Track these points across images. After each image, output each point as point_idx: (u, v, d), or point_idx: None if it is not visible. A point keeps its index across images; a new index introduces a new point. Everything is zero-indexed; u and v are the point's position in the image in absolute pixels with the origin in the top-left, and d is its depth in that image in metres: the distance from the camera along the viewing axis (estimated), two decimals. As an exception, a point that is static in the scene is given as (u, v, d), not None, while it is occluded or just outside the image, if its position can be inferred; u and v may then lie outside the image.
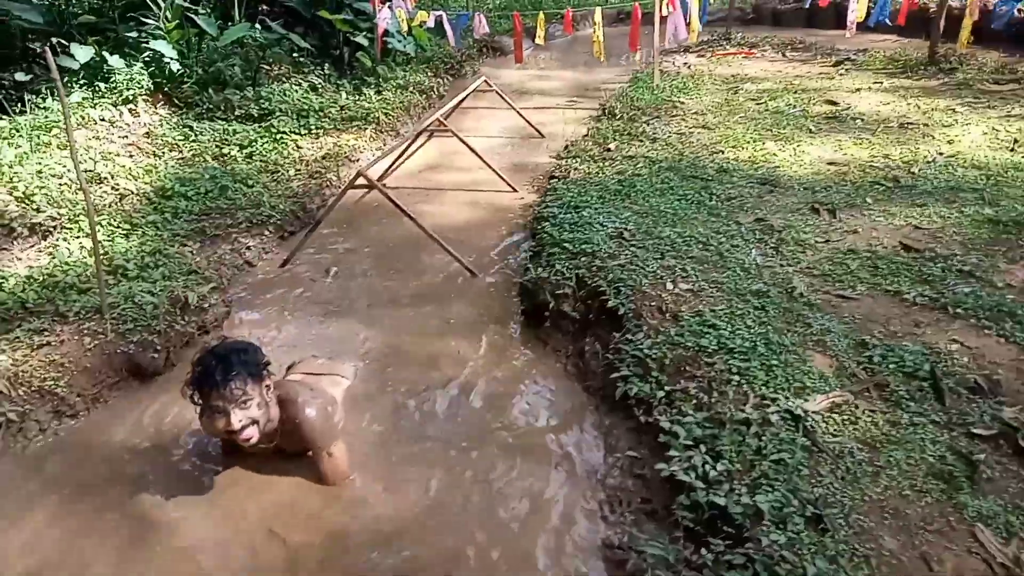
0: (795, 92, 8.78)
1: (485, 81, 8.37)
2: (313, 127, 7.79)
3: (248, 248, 5.38)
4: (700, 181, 5.83)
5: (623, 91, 9.37)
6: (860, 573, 2.39)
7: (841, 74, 9.74)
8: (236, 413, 2.86)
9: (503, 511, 3.07)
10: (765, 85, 9.28)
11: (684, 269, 4.25)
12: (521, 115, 8.55)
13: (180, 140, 7.13)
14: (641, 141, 7.09)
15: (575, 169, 6.42)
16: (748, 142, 6.87)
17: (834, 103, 8.17)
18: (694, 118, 7.83)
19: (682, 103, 8.49)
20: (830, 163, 6.29)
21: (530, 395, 3.87)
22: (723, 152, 6.62)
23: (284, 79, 8.80)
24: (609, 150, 6.92)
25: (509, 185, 6.71)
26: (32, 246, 5.02)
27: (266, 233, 5.67)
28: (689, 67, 10.77)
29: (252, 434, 2.94)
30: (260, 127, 7.54)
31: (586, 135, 7.71)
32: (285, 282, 5.11)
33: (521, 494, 3.17)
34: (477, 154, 6.78)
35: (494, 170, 6.74)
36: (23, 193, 5.41)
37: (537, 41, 10.70)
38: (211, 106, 7.81)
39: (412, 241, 5.48)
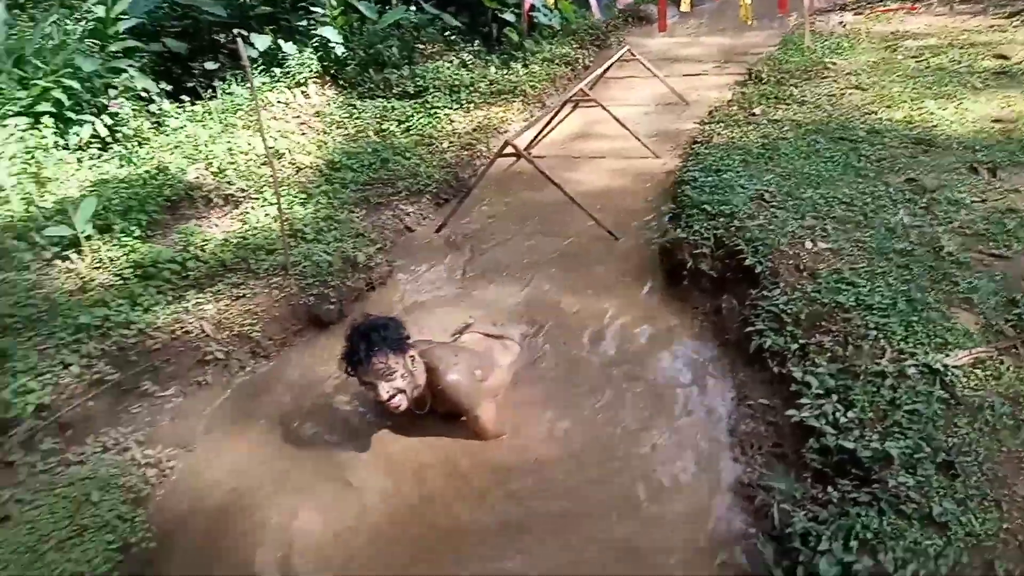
0: (961, 47, 8.27)
1: (629, 51, 8.47)
2: (464, 101, 8.22)
3: (407, 214, 5.89)
4: (848, 143, 5.73)
5: (771, 55, 9.17)
6: (989, 516, 2.46)
7: (1015, 26, 9.05)
8: (383, 386, 3.15)
9: (644, 451, 3.33)
10: (928, 41, 8.79)
11: (824, 229, 4.28)
12: (665, 83, 8.59)
13: (345, 118, 7.76)
14: (788, 104, 6.99)
15: (718, 134, 6.46)
16: (904, 101, 6.62)
17: (1005, 57, 7.66)
18: (846, 79, 7.59)
19: (834, 64, 8.22)
20: (995, 120, 5.97)
21: (669, 349, 4.08)
22: (876, 113, 6.42)
23: (437, 57, 9.27)
24: (754, 115, 6.89)
25: (651, 152, 6.84)
26: (226, 214, 5.73)
27: (423, 201, 6.15)
28: (844, 26, 10.33)
29: (400, 402, 3.21)
30: (416, 103, 8.05)
31: (731, 100, 7.66)
32: (440, 245, 5.56)
33: (659, 438, 3.41)
34: (620, 122, 6.95)
35: (637, 137, 6.89)
36: (217, 168, 6.16)
37: (682, 8, 10.58)
38: (371, 85, 8.42)
39: (557, 207, 5.76)
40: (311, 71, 8.20)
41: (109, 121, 6.93)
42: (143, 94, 7.27)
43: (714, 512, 2.97)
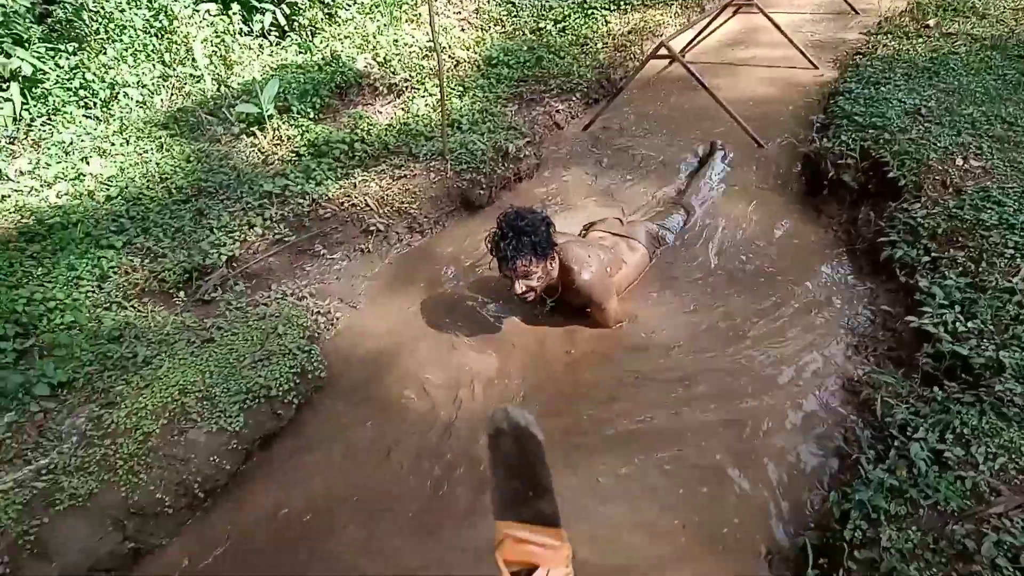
0: None
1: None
2: (622, 3, 8.21)
3: (558, 111, 6.13)
4: (1027, 61, 5.41)
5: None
6: (1094, 426, 2.54)
7: None
8: (519, 284, 3.41)
9: (762, 343, 3.56)
10: None
11: (979, 147, 4.18)
12: (836, -11, 8.20)
13: (503, 15, 7.96)
14: (967, 17, 6.57)
15: (884, 46, 6.21)
16: (1103, 18, 6.09)
17: None
18: (1041, -9, 6.99)
19: (1030, -27, 7.55)
20: None
21: (795, 253, 4.21)
22: (1066, 29, 5.96)
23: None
24: (928, 27, 6.53)
25: (810, 62, 6.67)
26: (390, 102, 6.18)
27: (573, 99, 6.36)
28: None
29: (530, 296, 3.49)
30: (574, 2, 8.12)
31: (904, 10, 7.25)
32: (587, 142, 5.79)
33: (780, 333, 3.61)
34: (781, 30, 6.78)
35: (796, 46, 6.72)
36: (384, 58, 6.59)
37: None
38: (531, -17, 8.54)
39: (705, 112, 5.83)
40: (474, -33, 8.41)
41: (287, 11, 7.50)
42: (320, -15, 7.75)
43: (818, 398, 3.20)
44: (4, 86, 5.86)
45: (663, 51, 5.53)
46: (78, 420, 2.98)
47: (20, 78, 5.90)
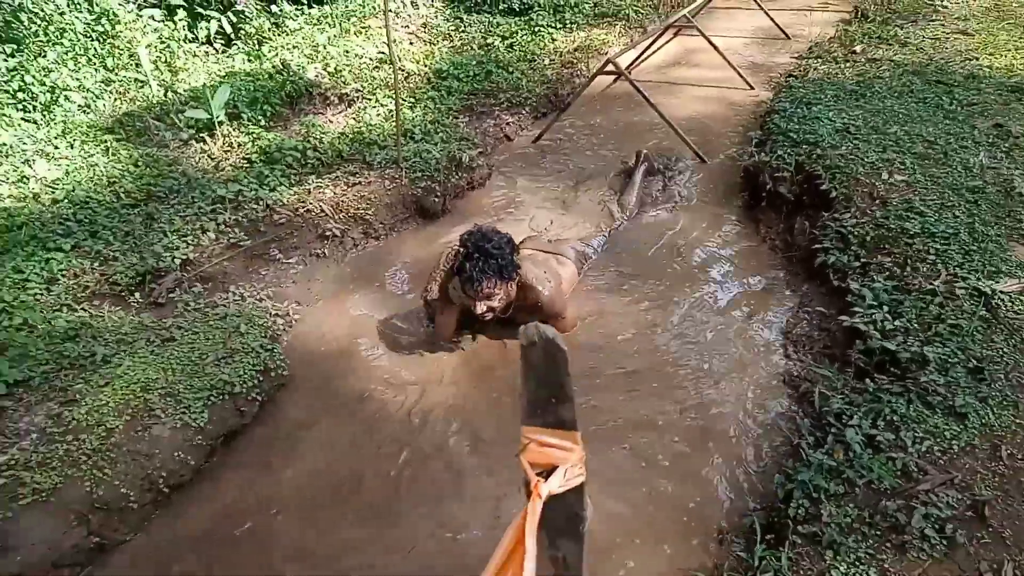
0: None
1: (736, -20, 8.50)
2: (568, 21, 8.47)
3: (507, 124, 6.30)
4: (944, 86, 5.80)
5: (882, -7, 9.03)
6: (1005, 412, 2.80)
7: None
8: (480, 305, 3.42)
9: (703, 339, 3.76)
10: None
11: (903, 163, 4.50)
12: (769, 16, 8.62)
13: (452, 30, 8.12)
14: (890, 45, 7.01)
15: (815, 69, 6.58)
16: (1010, 50, 6.57)
17: None
18: (954, 23, 7.51)
19: (944, 7, 8.09)
20: (1101, 74, 5.93)
21: (737, 260, 4.46)
22: (978, 59, 6.42)
23: (543, -24, 9.48)
24: (855, 52, 6.94)
25: (746, 82, 7.01)
26: (341, 112, 6.24)
27: (523, 112, 6.55)
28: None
29: (488, 315, 3.50)
30: (520, 20, 8.35)
31: (833, 37, 7.69)
32: (536, 153, 5.97)
33: (720, 332, 3.83)
34: (719, 51, 7.11)
35: (734, 67, 7.06)
36: (334, 69, 6.66)
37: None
38: (478, 0, 8.71)
39: (649, 127, 6.09)
40: (422, -18, 8.55)
41: (234, 19, 7.50)
42: (267, -5, 7.78)
43: (761, 391, 3.41)
44: (-61, 87, 5.73)
45: (610, 67, 5.76)
46: (36, 418, 2.96)
47: (-43, 78, 5.78)
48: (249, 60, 7.00)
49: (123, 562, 2.72)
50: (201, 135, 5.56)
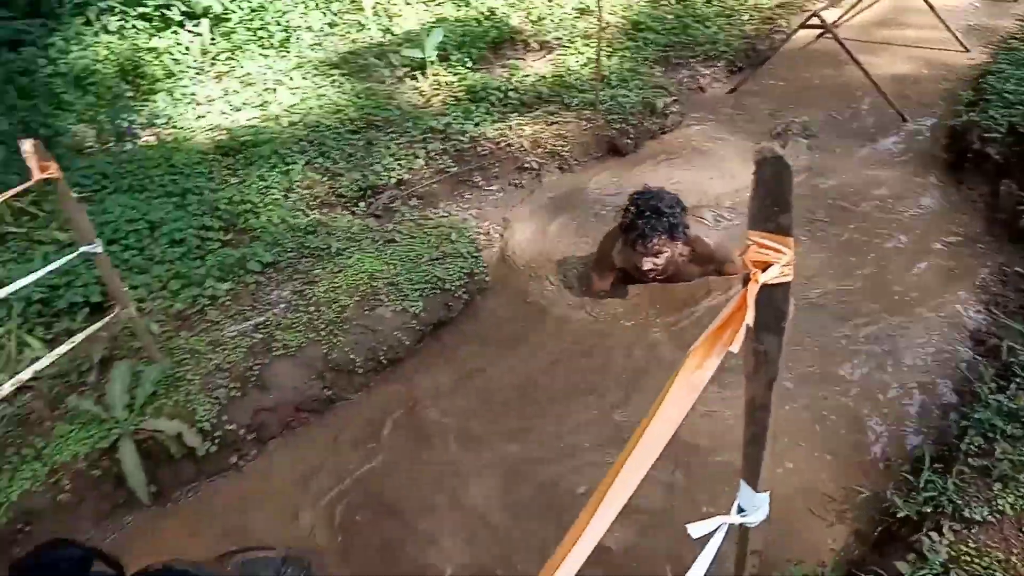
0: None
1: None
2: (772, -23, 8.25)
3: (702, 75, 6.35)
4: None
5: None
6: None
7: None
8: (647, 261, 3.47)
9: (900, 295, 3.76)
10: None
11: None
12: (995, -25, 7.99)
13: (652, -18, 8.16)
14: None
15: (1045, 30, 6.10)
16: None
17: None
18: None
19: None
20: None
21: (937, 217, 4.33)
22: None
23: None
24: (1093, 15, 6.36)
25: (961, 44, 6.60)
26: (541, 57, 6.53)
27: (718, 65, 6.55)
28: None
29: (652, 274, 3.56)
30: (721, -25, 8.23)
31: (1070, -2, 7.06)
32: (729, 105, 5.98)
33: (917, 287, 3.78)
34: (935, 11, 6.72)
35: (948, 28, 6.66)
36: (536, 17, 6.94)
37: None
38: (680, -46, 8.68)
39: (848, 86, 5.93)
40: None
41: (446, -31, 7.93)
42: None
43: (948, 343, 3.40)
44: (195, 22, 6.55)
45: (815, 20, 5.64)
46: (284, 292, 3.49)
47: (210, 15, 6.58)
48: (457, 8, 7.42)
49: (349, 415, 3.19)
50: (414, 73, 6.03)
